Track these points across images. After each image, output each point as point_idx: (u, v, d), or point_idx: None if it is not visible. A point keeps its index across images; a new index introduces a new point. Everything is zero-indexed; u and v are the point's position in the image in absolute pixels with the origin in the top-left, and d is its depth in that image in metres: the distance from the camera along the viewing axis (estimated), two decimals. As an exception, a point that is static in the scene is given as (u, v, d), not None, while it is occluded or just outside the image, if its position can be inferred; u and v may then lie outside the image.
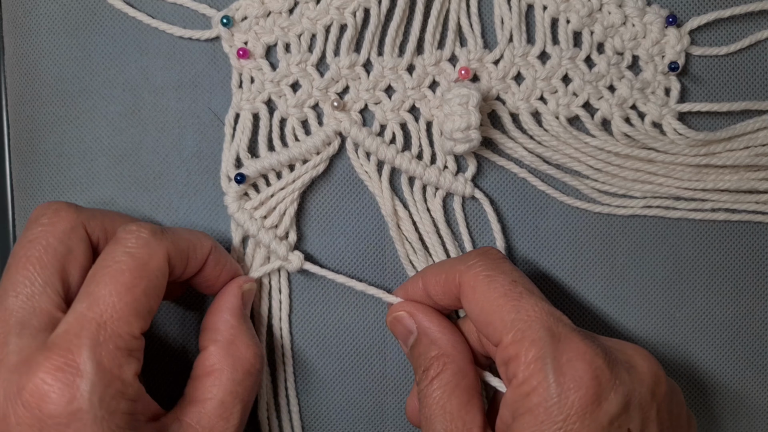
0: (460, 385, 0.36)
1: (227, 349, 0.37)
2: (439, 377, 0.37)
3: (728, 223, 0.44)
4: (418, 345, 0.38)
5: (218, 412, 0.35)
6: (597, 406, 0.32)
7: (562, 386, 0.32)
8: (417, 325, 0.39)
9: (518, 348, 0.34)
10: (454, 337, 0.38)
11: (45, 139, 0.43)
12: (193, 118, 0.43)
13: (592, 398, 0.32)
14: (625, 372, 0.34)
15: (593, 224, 0.44)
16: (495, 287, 0.36)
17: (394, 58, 0.42)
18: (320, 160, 0.42)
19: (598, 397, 0.32)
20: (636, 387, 0.34)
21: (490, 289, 0.36)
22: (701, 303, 0.44)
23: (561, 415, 0.32)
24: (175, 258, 0.36)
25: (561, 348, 0.33)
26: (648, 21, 0.42)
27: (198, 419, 0.35)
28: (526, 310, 0.34)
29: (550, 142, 0.43)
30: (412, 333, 0.39)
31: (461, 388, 0.36)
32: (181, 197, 0.43)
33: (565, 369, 0.33)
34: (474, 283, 0.36)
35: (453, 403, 0.36)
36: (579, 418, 0.32)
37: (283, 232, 0.43)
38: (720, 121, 0.43)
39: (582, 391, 0.32)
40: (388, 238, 0.44)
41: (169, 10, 0.43)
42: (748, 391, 0.45)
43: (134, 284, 0.34)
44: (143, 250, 0.35)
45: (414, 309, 0.39)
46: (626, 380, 0.33)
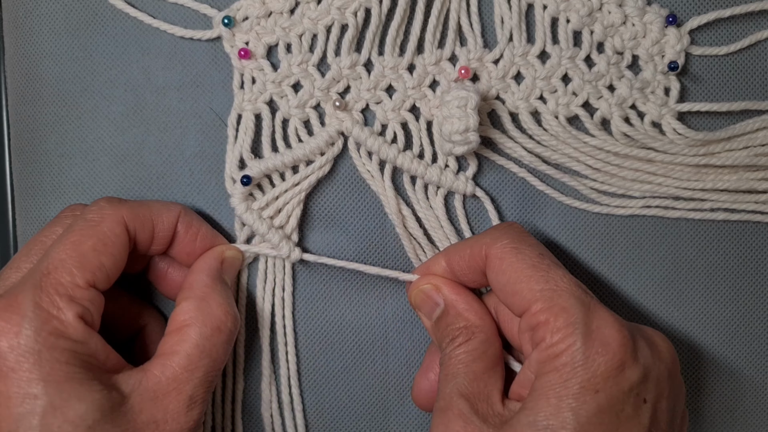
0: (487, 353, 0.37)
1: (198, 305, 0.38)
2: (467, 343, 0.38)
3: (727, 223, 0.44)
4: (444, 317, 0.39)
5: (183, 364, 0.36)
6: (621, 372, 0.33)
7: (590, 350, 0.33)
8: (443, 298, 0.39)
9: (548, 314, 0.35)
10: (482, 309, 0.39)
11: (46, 139, 0.43)
12: (195, 118, 0.43)
13: (618, 363, 0.33)
14: (648, 347, 0.35)
15: (592, 224, 0.44)
16: (523, 258, 0.37)
17: (394, 58, 0.42)
18: (326, 160, 0.42)
19: (623, 363, 0.34)
20: (656, 362, 0.35)
21: (518, 260, 0.37)
22: (699, 302, 0.44)
23: (587, 375, 0.33)
24: (134, 221, 0.38)
25: (591, 315, 0.34)
26: (648, 20, 0.42)
27: (162, 370, 0.36)
28: (555, 281, 0.36)
29: (549, 141, 0.43)
30: (439, 305, 0.39)
31: (487, 355, 0.37)
32: (183, 197, 0.43)
33: (594, 335, 0.34)
34: (501, 254, 0.37)
35: (478, 366, 0.37)
36: (603, 380, 0.33)
37: (289, 231, 0.43)
38: (719, 121, 0.43)
39: (609, 356, 0.33)
40: (390, 237, 0.44)
41: (171, 10, 0.42)
42: (745, 390, 0.45)
43: (81, 241, 0.36)
44: (95, 214, 0.38)
45: (440, 282, 0.40)
46: (648, 355, 0.35)
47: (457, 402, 0.36)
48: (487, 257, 0.38)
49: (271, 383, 0.44)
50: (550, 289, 0.35)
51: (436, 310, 0.40)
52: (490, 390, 0.36)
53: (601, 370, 0.33)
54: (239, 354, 0.44)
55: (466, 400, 0.36)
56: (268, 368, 0.44)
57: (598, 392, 0.33)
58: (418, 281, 0.41)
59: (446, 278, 0.40)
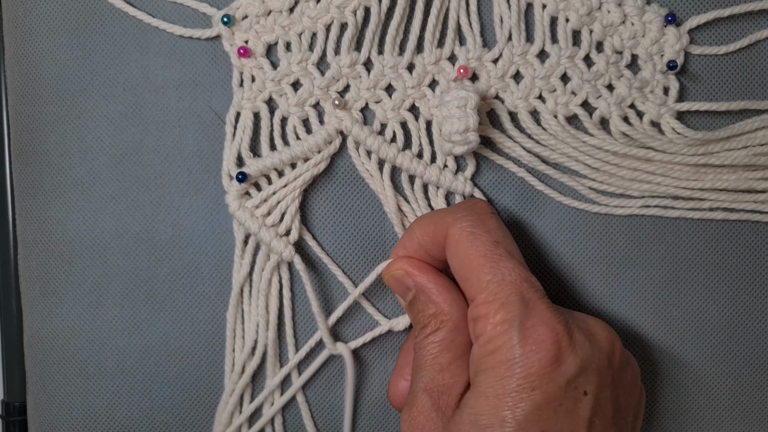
0: (455, 342, 0.38)
1: None
2: (435, 333, 0.38)
3: (726, 222, 0.44)
4: (416, 302, 0.39)
5: None
6: (556, 368, 0.34)
7: (524, 348, 0.34)
8: (414, 283, 0.39)
9: (488, 308, 0.35)
10: (451, 295, 0.39)
11: (46, 138, 0.43)
12: (193, 117, 0.43)
13: (552, 360, 0.34)
14: (585, 339, 0.35)
15: (591, 224, 0.44)
16: (477, 245, 0.37)
17: (394, 57, 0.42)
18: (321, 158, 0.42)
19: (558, 359, 0.34)
20: (594, 353, 0.35)
21: (473, 247, 0.37)
22: (698, 302, 0.44)
23: (523, 373, 0.34)
24: None
25: (527, 313, 0.35)
26: (647, 20, 0.42)
27: None
28: (502, 273, 0.36)
29: (548, 140, 0.43)
30: (410, 290, 0.40)
31: (455, 344, 0.38)
32: (182, 196, 0.43)
33: (529, 333, 0.34)
34: (459, 237, 0.37)
35: (445, 357, 0.37)
36: (539, 377, 0.34)
37: (284, 230, 0.43)
38: (718, 120, 0.43)
39: (543, 353, 0.34)
40: (389, 236, 0.44)
41: (170, 9, 0.43)
42: (744, 390, 0.45)
43: None
44: None
45: (410, 266, 0.40)
46: (585, 346, 0.35)
47: (421, 397, 0.37)
48: (446, 237, 0.38)
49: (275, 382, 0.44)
50: (495, 282, 0.36)
51: (408, 294, 0.40)
52: (455, 382, 0.37)
53: (536, 368, 0.34)
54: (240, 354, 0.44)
55: (429, 396, 0.36)
56: (272, 369, 0.44)
57: (534, 390, 0.33)
58: (389, 266, 0.40)
59: (418, 261, 0.40)
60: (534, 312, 0.35)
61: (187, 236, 0.44)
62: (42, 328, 0.45)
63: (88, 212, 0.44)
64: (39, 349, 0.45)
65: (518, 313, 0.35)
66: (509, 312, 0.35)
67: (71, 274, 0.44)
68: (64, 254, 0.44)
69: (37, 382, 0.45)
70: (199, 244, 0.44)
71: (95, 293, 0.44)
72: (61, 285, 0.44)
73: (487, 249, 0.37)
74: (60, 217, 0.44)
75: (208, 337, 0.44)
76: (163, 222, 0.44)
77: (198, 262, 0.44)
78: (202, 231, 0.44)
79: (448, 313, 0.38)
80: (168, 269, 0.44)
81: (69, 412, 0.45)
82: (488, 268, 0.36)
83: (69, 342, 0.45)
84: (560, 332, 0.34)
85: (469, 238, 0.37)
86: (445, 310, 0.38)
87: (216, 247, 0.44)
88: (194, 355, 0.44)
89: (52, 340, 0.45)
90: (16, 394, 0.48)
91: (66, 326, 0.45)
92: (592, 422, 0.35)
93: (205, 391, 0.45)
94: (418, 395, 0.37)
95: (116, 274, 0.44)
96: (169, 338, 0.44)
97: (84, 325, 0.44)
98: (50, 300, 0.44)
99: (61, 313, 0.45)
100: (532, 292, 0.35)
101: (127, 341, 0.45)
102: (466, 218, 0.38)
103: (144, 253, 0.44)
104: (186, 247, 0.44)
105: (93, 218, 0.44)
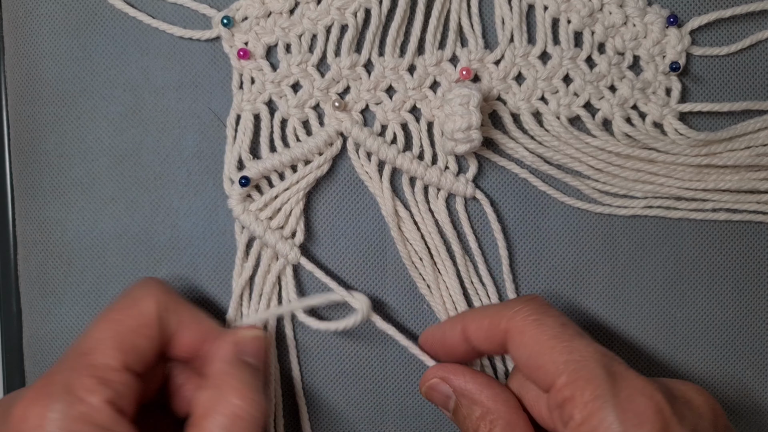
0: None
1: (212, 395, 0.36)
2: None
3: (729, 223, 0.44)
4: (460, 408, 0.38)
5: None
6: None
7: (625, 423, 0.31)
8: (453, 389, 0.38)
9: (573, 389, 0.32)
10: (493, 390, 0.37)
11: (45, 139, 0.43)
12: (193, 118, 0.43)
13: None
14: (686, 407, 0.33)
15: (594, 225, 0.44)
16: (545, 330, 0.35)
17: (395, 59, 0.42)
18: (324, 160, 0.42)
19: (666, 430, 0.31)
20: (699, 421, 0.33)
21: (540, 332, 0.35)
22: (702, 303, 0.44)
23: None
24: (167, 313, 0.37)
25: (619, 385, 0.32)
26: (649, 21, 0.42)
27: None
28: (579, 351, 0.33)
29: (551, 142, 0.43)
30: (450, 397, 0.38)
31: None
32: (181, 198, 0.43)
33: (625, 405, 0.31)
34: (522, 327, 0.35)
35: None
36: None
37: (289, 232, 0.43)
38: (721, 121, 0.43)
39: (647, 426, 0.31)
40: (390, 239, 0.44)
41: (170, 10, 0.43)
42: (748, 391, 0.45)
43: (121, 320, 0.36)
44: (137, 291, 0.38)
45: (446, 372, 0.38)
46: (688, 415, 0.32)
47: None
48: (507, 331, 0.36)
49: (276, 388, 0.44)
50: (573, 361, 0.33)
51: (449, 403, 0.38)
52: None
53: None
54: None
55: None
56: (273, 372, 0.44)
57: None
58: (424, 378, 0.39)
59: (453, 365, 0.39)
60: (625, 383, 0.32)
61: (186, 237, 0.43)
62: (41, 328, 0.45)
63: (88, 213, 0.44)
64: (39, 350, 0.45)
65: (609, 387, 0.32)
66: (598, 386, 0.32)
67: (70, 274, 0.44)
68: (63, 255, 0.44)
69: (36, 385, 0.45)
70: (198, 246, 0.44)
71: (94, 294, 0.44)
72: (60, 285, 0.44)
73: (556, 331, 0.34)
74: (59, 217, 0.44)
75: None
76: (162, 223, 0.43)
77: (197, 263, 0.44)
78: (201, 232, 0.43)
79: (495, 411, 0.36)
80: (167, 270, 0.44)
81: (67, 416, 0.45)
82: (561, 348, 0.34)
83: (68, 342, 0.44)
84: (660, 400, 0.32)
85: (535, 324, 0.35)
86: (492, 408, 0.36)
87: (215, 248, 0.43)
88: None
89: (52, 341, 0.45)
90: (15, 398, 0.48)
91: (65, 326, 0.44)
92: None
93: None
94: None
95: (115, 275, 0.44)
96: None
97: (83, 326, 0.44)
98: (49, 300, 0.44)
99: (61, 314, 0.44)
100: (615, 364, 0.33)
101: (126, 344, 0.44)
102: (526, 309, 0.36)
103: (143, 253, 0.44)
104: (185, 248, 0.44)
105: (92, 219, 0.44)
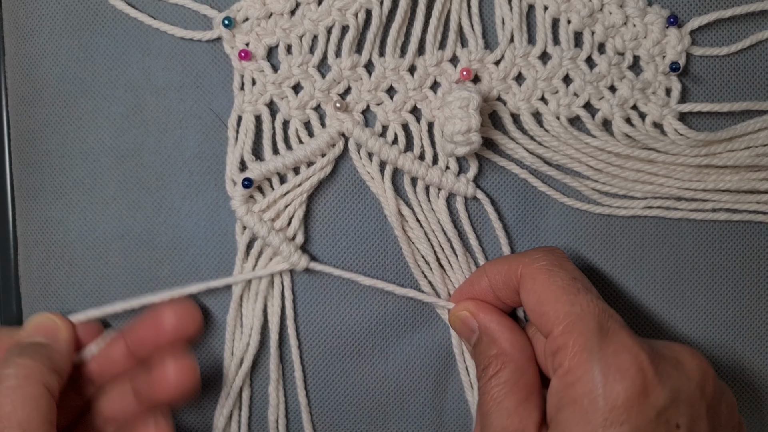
0: (519, 383, 0.37)
1: None
2: (497, 375, 0.37)
3: (729, 223, 0.44)
4: (479, 343, 0.39)
5: None
6: (644, 399, 0.32)
7: (607, 377, 0.32)
8: (478, 324, 0.39)
9: (567, 338, 0.34)
10: (514, 336, 0.38)
11: (47, 139, 0.43)
12: (195, 119, 0.43)
13: (639, 390, 0.32)
14: (672, 367, 0.34)
15: (594, 225, 0.44)
16: (555, 280, 0.36)
17: (395, 59, 0.42)
18: (327, 161, 0.42)
19: (645, 388, 0.32)
20: (684, 382, 0.34)
21: (550, 281, 0.36)
22: (702, 303, 0.44)
23: (607, 406, 0.32)
24: None
25: (608, 340, 0.34)
26: (649, 21, 0.42)
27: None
28: (580, 304, 0.35)
29: (550, 142, 0.43)
30: (475, 332, 0.39)
31: (519, 386, 0.37)
32: (183, 198, 0.43)
33: (610, 360, 0.33)
34: (535, 274, 0.37)
35: (510, 401, 0.36)
36: (626, 410, 0.32)
37: (291, 233, 0.43)
38: (721, 121, 0.43)
39: (628, 383, 0.32)
40: (391, 239, 0.44)
41: (171, 11, 0.43)
42: (748, 391, 0.45)
43: None
44: None
45: (475, 308, 0.39)
46: (673, 375, 0.33)
47: None
48: (521, 276, 0.37)
49: (278, 387, 0.44)
50: (573, 313, 0.35)
51: (472, 337, 0.39)
52: (525, 424, 0.35)
53: (621, 399, 0.32)
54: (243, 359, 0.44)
55: None
56: (275, 372, 0.44)
57: (623, 424, 0.32)
58: (456, 308, 0.40)
59: (483, 302, 0.40)
60: (614, 339, 0.34)
61: (187, 238, 0.44)
62: (42, 329, 0.45)
63: (89, 213, 0.44)
64: (39, 351, 0.45)
65: (597, 340, 0.33)
66: (588, 339, 0.33)
67: (72, 275, 0.44)
68: (64, 255, 0.44)
69: (38, 386, 0.45)
70: (199, 246, 0.44)
71: (96, 294, 0.44)
72: (61, 286, 0.44)
73: (565, 283, 0.36)
74: (61, 218, 0.44)
75: (207, 339, 0.44)
76: (163, 223, 0.43)
77: (198, 263, 0.44)
78: (202, 233, 0.43)
79: (509, 354, 0.37)
80: (168, 271, 0.44)
81: (69, 416, 0.45)
82: (566, 299, 0.35)
83: (69, 343, 0.44)
84: (644, 359, 0.33)
85: (547, 273, 0.37)
86: (507, 351, 0.37)
87: (216, 249, 0.44)
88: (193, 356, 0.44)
89: (53, 342, 0.45)
90: (16, 398, 0.48)
91: (66, 327, 0.44)
92: None
93: (205, 393, 0.44)
94: None
95: (117, 276, 0.44)
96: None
97: (84, 327, 0.44)
98: (51, 301, 0.44)
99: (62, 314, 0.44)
100: (611, 322, 0.35)
101: (127, 344, 0.44)
102: (543, 258, 0.37)
103: (145, 254, 0.44)
104: (187, 249, 0.44)
105: (94, 219, 0.44)
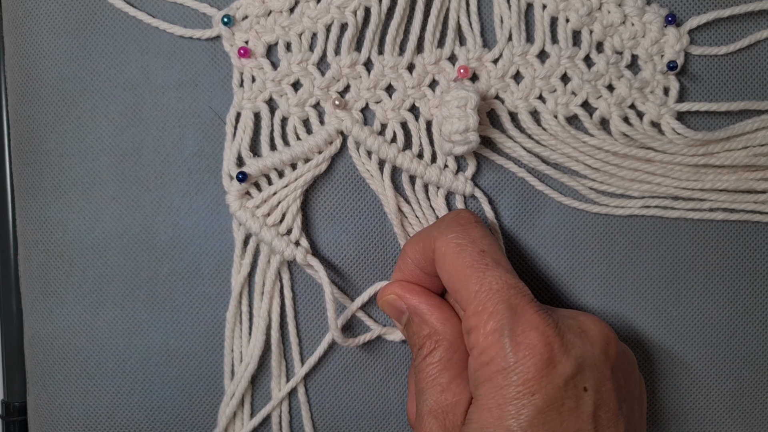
0: (452, 360, 0.38)
1: None
2: (431, 354, 0.38)
3: (726, 222, 0.44)
4: (410, 324, 0.40)
5: None
6: (552, 369, 0.34)
7: (517, 355, 0.34)
8: (406, 305, 0.40)
9: (478, 319, 0.35)
10: (443, 314, 0.39)
11: (46, 138, 0.43)
12: (194, 117, 0.43)
13: (546, 362, 0.34)
14: (577, 337, 0.36)
15: (591, 224, 0.44)
16: (463, 257, 0.37)
17: (394, 57, 0.42)
18: (322, 158, 0.42)
19: (552, 361, 0.34)
20: (588, 349, 0.36)
21: (459, 258, 0.37)
22: (698, 302, 0.44)
23: (519, 380, 0.34)
24: None
25: (517, 320, 0.35)
26: (647, 20, 0.42)
27: None
28: (489, 283, 0.36)
29: (548, 141, 0.43)
30: (404, 313, 0.40)
31: (452, 363, 0.38)
32: (182, 197, 0.43)
33: (520, 339, 0.34)
34: (445, 250, 0.38)
35: (444, 377, 0.37)
36: (536, 382, 0.34)
37: (285, 229, 0.43)
38: (719, 120, 0.43)
39: (536, 357, 0.34)
40: (390, 236, 0.44)
41: (170, 9, 0.43)
42: (744, 390, 0.45)
43: None
44: None
45: (401, 290, 0.40)
46: (578, 344, 0.35)
47: (427, 420, 0.37)
48: (434, 252, 0.38)
49: (281, 383, 0.44)
50: (483, 291, 0.36)
51: (402, 317, 0.40)
52: (458, 399, 0.37)
53: (532, 373, 0.34)
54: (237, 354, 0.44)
55: (434, 418, 0.37)
56: (277, 368, 0.44)
57: (534, 395, 0.34)
58: (382, 291, 0.41)
59: (410, 284, 0.40)
60: (523, 318, 0.35)
61: (187, 236, 0.44)
62: (42, 328, 0.45)
63: (89, 212, 0.44)
64: (39, 350, 0.45)
65: (507, 321, 0.35)
66: (498, 321, 0.35)
67: (72, 274, 0.44)
68: (64, 254, 0.44)
69: (38, 383, 0.45)
70: (199, 245, 0.44)
71: (96, 293, 0.44)
72: (61, 285, 0.44)
73: (473, 259, 0.37)
74: (60, 217, 0.44)
75: (208, 338, 0.44)
76: (163, 222, 0.44)
77: (198, 262, 0.44)
78: (202, 231, 0.44)
79: (441, 332, 0.38)
80: (168, 269, 0.44)
81: (69, 412, 0.45)
82: (475, 278, 0.36)
83: (69, 342, 0.45)
84: (550, 334, 0.35)
85: (456, 249, 0.37)
86: (439, 330, 0.38)
87: (216, 247, 0.44)
88: (194, 356, 0.44)
89: (53, 341, 0.45)
90: (16, 394, 0.48)
91: (66, 326, 0.45)
92: (597, 416, 0.35)
93: (205, 391, 0.45)
94: (424, 419, 0.37)
95: (117, 275, 0.44)
96: (169, 339, 0.44)
97: (84, 326, 0.44)
98: (51, 300, 0.44)
99: (62, 314, 0.45)
100: (519, 298, 0.36)
101: (127, 341, 0.44)
102: (451, 230, 0.38)
103: (144, 253, 0.44)
104: (186, 248, 0.44)
105: (93, 218, 0.44)
